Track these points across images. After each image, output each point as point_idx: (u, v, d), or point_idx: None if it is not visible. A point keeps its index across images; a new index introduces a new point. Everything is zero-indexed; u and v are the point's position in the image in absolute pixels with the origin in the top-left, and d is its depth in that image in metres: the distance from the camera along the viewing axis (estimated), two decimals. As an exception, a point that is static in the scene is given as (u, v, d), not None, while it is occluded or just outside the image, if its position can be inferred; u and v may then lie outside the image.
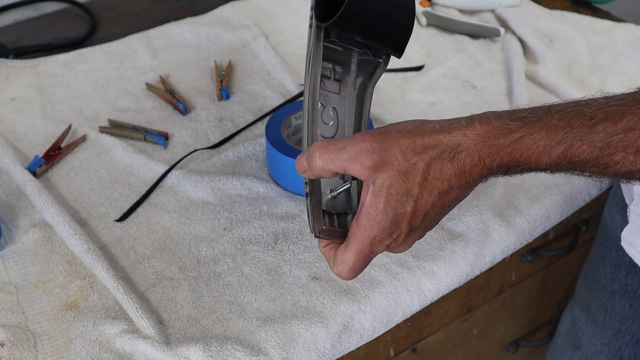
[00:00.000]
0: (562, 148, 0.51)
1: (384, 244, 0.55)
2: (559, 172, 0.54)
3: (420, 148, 0.52)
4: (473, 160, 0.52)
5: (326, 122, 0.60)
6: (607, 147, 0.50)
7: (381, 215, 0.53)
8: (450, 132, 0.53)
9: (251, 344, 0.66)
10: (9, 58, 1.02)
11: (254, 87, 0.99)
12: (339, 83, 0.61)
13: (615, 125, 0.50)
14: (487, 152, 0.52)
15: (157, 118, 0.94)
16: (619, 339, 0.84)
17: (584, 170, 0.53)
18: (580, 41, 1.08)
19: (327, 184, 0.58)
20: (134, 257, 0.75)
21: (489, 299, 0.95)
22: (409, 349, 0.89)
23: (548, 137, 0.51)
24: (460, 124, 0.53)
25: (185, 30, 1.09)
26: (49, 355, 0.66)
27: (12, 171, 0.83)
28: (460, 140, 0.52)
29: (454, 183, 0.53)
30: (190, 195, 0.82)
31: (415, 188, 0.53)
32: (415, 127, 0.54)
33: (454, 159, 0.52)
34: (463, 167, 0.52)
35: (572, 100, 0.53)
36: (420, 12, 1.14)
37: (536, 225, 0.82)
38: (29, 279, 0.72)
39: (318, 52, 0.58)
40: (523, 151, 0.52)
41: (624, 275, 0.80)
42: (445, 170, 0.52)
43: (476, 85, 1.01)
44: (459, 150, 0.52)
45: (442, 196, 0.54)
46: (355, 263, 0.56)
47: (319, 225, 0.56)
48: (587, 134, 0.51)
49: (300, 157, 0.56)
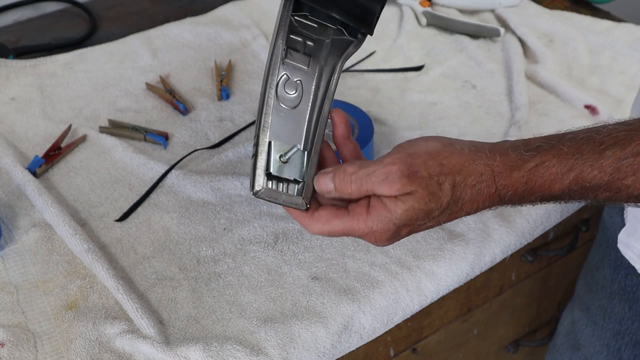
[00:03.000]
0: (573, 174, 0.52)
1: (372, 239, 0.57)
2: (574, 200, 0.55)
3: (447, 171, 0.54)
4: (490, 190, 0.54)
5: (289, 92, 0.61)
6: (617, 171, 0.51)
7: (394, 219, 0.55)
8: (475, 161, 0.55)
9: (251, 344, 0.66)
10: (9, 58, 1.02)
11: (254, 87, 0.99)
12: (308, 57, 0.61)
13: (624, 150, 0.51)
14: (503, 184, 0.54)
15: (157, 118, 0.94)
16: (618, 340, 0.84)
17: (597, 196, 0.54)
18: (580, 41, 1.08)
19: (277, 150, 0.59)
20: (134, 257, 0.75)
21: (489, 299, 0.95)
22: (409, 349, 0.89)
23: (559, 165, 0.53)
24: (485, 154, 0.55)
25: (185, 30, 1.09)
26: (49, 355, 0.66)
27: (12, 171, 0.83)
28: (483, 170, 0.54)
29: (466, 208, 0.55)
30: (190, 195, 0.82)
31: (436, 211, 0.55)
32: (443, 148, 0.56)
33: (474, 187, 0.54)
34: (479, 196, 0.55)
35: (584, 127, 0.55)
36: (420, 12, 1.14)
37: (536, 225, 0.82)
38: (29, 279, 0.72)
39: (284, 23, 0.60)
40: (537, 179, 0.53)
41: (623, 277, 0.80)
42: (464, 195, 0.55)
43: (476, 85, 1.01)
44: (480, 180, 0.54)
45: (450, 216, 0.56)
46: (337, 232, 0.58)
47: (258, 185, 0.58)
48: (597, 159, 0.52)
49: (323, 178, 0.58)
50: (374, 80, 1.01)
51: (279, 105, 0.60)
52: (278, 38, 0.60)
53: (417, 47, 1.09)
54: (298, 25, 0.61)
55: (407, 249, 0.76)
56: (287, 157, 0.59)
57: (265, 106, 0.60)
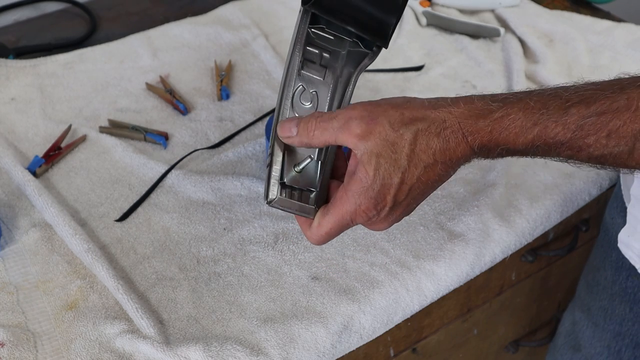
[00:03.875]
0: (537, 129, 0.52)
1: (366, 215, 0.56)
2: (537, 155, 0.55)
3: (407, 120, 0.54)
4: (457, 137, 0.54)
5: (304, 103, 0.61)
6: (580, 129, 0.51)
7: (370, 183, 0.54)
8: (436, 109, 0.54)
9: (251, 344, 0.66)
10: (9, 58, 1.02)
11: (254, 87, 0.99)
12: (324, 69, 0.62)
13: (589, 109, 0.51)
14: (469, 131, 0.54)
15: (157, 118, 0.94)
16: (618, 342, 0.83)
17: (560, 154, 0.53)
18: (580, 41, 1.08)
19: (291, 161, 0.60)
20: (134, 257, 0.75)
21: (489, 299, 0.95)
22: (409, 349, 0.89)
23: (525, 118, 0.53)
24: (446, 102, 0.55)
25: (185, 30, 1.09)
26: (49, 355, 0.66)
27: (12, 171, 0.83)
28: (446, 117, 0.54)
29: (439, 158, 0.54)
30: (190, 195, 0.82)
31: (403, 159, 0.54)
32: (405, 101, 0.56)
33: (440, 135, 0.54)
34: (448, 144, 0.54)
35: (554, 85, 0.55)
36: (420, 12, 1.14)
37: (536, 225, 0.82)
38: (29, 279, 0.72)
39: (301, 35, 0.61)
40: (501, 131, 0.53)
41: (625, 278, 0.80)
42: (431, 143, 0.54)
43: (476, 85, 1.01)
44: (444, 126, 0.54)
45: (427, 170, 0.55)
46: (332, 229, 0.57)
47: (272, 194, 0.59)
48: (562, 115, 0.52)
49: (287, 123, 0.58)
50: (374, 80, 1.01)
51: (294, 116, 0.61)
52: (295, 50, 0.61)
53: (417, 47, 1.09)
54: (315, 37, 0.62)
55: (407, 249, 0.76)
56: (301, 167, 0.59)
57: (281, 117, 0.60)
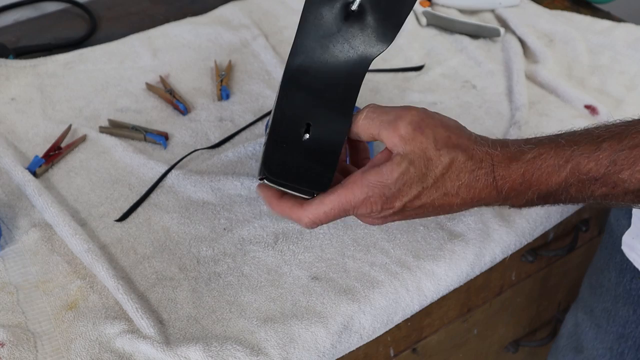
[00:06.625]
0: (569, 166, 0.53)
1: (370, 209, 0.56)
2: (570, 196, 0.55)
3: (452, 144, 0.54)
4: (487, 180, 0.55)
5: None
6: (614, 164, 0.51)
7: (390, 182, 0.54)
8: (478, 146, 0.55)
9: (251, 344, 0.66)
10: (9, 58, 1.02)
11: (254, 87, 0.99)
12: None
13: (621, 143, 0.51)
14: (501, 175, 0.54)
15: (157, 118, 0.94)
16: (621, 344, 0.83)
17: (594, 193, 0.53)
18: (580, 41, 1.08)
19: None
20: (134, 257, 0.75)
21: (489, 299, 0.95)
22: (409, 349, 0.89)
23: (556, 156, 0.53)
24: (487, 143, 0.56)
25: (185, 30, 1.09)
26: (49, 355, 0.66)
27: (12, 171, 0.83)
28: (484, 157, 0.55)
29: (462, 193, 0.55)
30: (190, 195, 0.82)
31: (430, 178, 0.54)
32: (456, 126, 0.56)
33: (473, 172, 0.54)
34: (476, 183, 0.55)
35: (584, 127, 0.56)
36: (420, 12, 1.14)
37: (536, 225, 0.82)
38: (29, 279, 0.72)
39: None
40: (534, 172, 0.54)
41: (628, 280, 0.80)
42: (462, 176, 0.55)
43: (476, 85, 1.01)
44: (480, 166, 0.54)
45: (445, 198, 0.55)
46: (333, 209, 0.57)
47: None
48: (594, 151, 0.52)
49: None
50: (373, 81, 1.01)
51: None
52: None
53: (417, 47, 1.09)
54: None
55: (407, 249, 0.76)
56: None
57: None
